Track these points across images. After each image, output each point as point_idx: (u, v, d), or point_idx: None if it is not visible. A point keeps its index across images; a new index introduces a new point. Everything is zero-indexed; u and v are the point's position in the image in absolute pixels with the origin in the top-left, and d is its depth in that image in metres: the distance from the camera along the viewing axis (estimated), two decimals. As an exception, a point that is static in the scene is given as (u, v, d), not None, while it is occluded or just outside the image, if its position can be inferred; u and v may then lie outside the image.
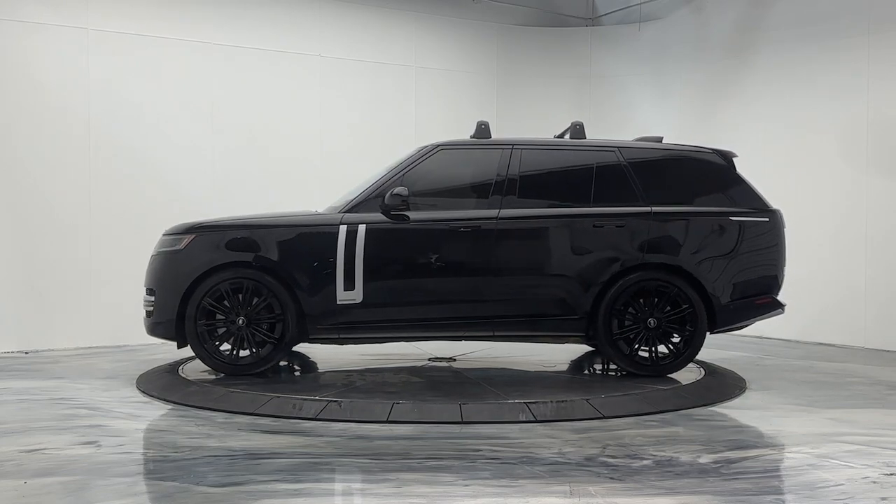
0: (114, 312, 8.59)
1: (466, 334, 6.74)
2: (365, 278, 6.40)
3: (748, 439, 5.03)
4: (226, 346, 6.53)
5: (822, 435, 5.15)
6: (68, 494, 3.90)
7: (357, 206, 6.55)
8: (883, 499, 3.90)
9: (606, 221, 6.66)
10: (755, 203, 7.02)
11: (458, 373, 6.99)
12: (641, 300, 6.61)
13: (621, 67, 11.48)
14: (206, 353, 6.44)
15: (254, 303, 6.41)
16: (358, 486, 4.06)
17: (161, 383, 6.43)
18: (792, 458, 4.61)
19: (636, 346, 6.62)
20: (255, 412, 5.54)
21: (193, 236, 6.46)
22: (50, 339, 8.47)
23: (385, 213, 6.50)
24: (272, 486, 4.04)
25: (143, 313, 6.67)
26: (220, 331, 6.46)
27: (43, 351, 8.35)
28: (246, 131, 9.56)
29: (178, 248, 6.47)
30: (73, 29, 8.62)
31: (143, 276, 6.74)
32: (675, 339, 6.69)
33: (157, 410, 5.81)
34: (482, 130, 6.99)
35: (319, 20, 10.06)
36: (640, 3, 11.22)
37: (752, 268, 6.87)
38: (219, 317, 6.45)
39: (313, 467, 4.35)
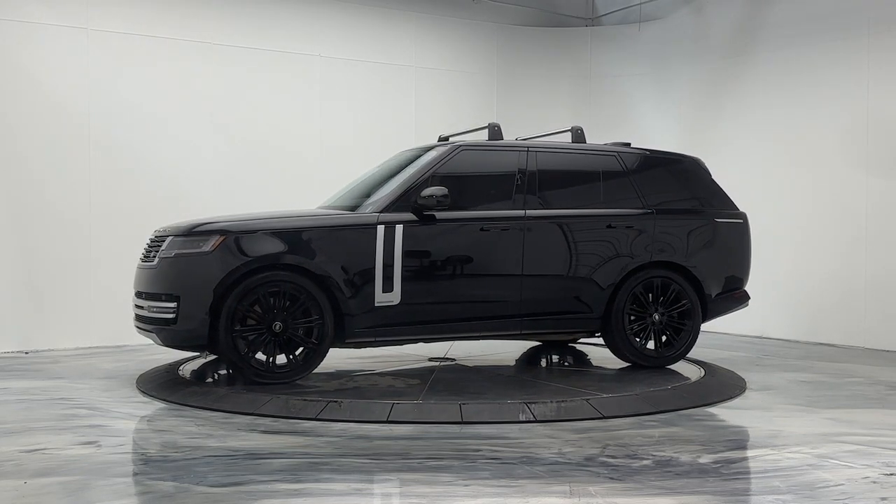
0: (114, 312, 8.58)
1: (498, 333, 6.91)
2: (403, 279, 6.34)
3: (748, 439, 5.04)
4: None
5: (822, 435, 5.15)
6: (68, 494, 3.90)
7: (390, 205, 6.42)
8: (883, 499, 3.90)
9: (619, 222, 7.07)
10: (728, 205, 7.61)
11: (457, 373, 6.99)
12: (648, 296, 7.09)
13: (621, 67, 11.48)
14: (243, 361, 6.07)
15: (288, 307, 6.10)
16: (358, 486, 4.06)
17: (161, 383, 6.43)
18: (792, 458, 4.61)
19: (642, 340, 7.09)
20: (255, 412, 5.54)
21: (223, 237, 6.07)
22: (50, 339, 8.47)
23: (416, 212, 6.43)
24: (272, 486, 4.03)
25: (149, 321, 6.22)
26: (252, 336, 6.08)
27: (43, 351, 8.35)
28: (246, 131, 9.56)
29: (204, 249, 6.04)
30: (73, 29, 8.62)
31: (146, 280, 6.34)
32: (673, 332, 7.19)
33: (157, 410, 5.81)
34: (495, 132, 7.10)
35: (319, 20, 10.06)
36: (640, 3, 11.22)
37: (732, 265, 7.47)
38: (250, 322, 6.07)
39: (313, 467, 4.35)
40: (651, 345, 7.16)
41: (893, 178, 8.76)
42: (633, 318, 7.05)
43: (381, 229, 6.31)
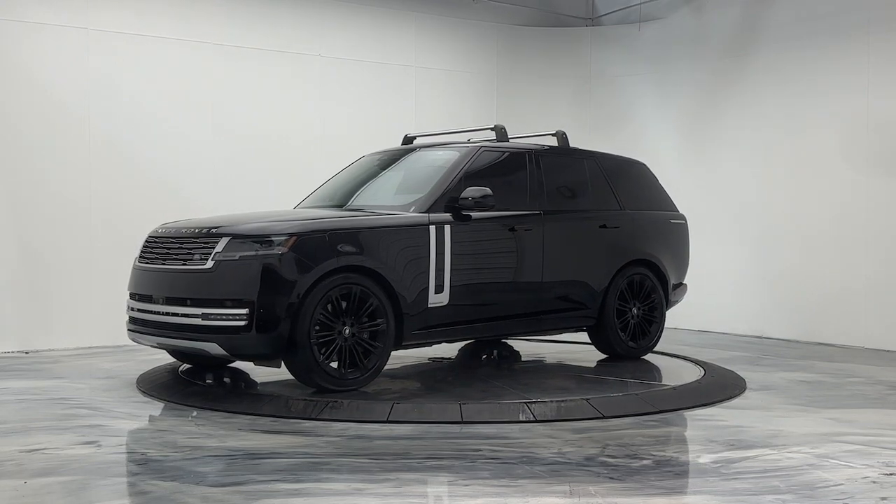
0: (114, 312, 8.56)
1: (525, 331, 7.14)
2: (452, 279, 6.33)
3: (748, 439, 5.03)
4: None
5: (822, 435, 5.15)
6: (68, 494, 3.90)
7: (433, 206, 6.35)
8: (883, 499, 3.90)
9: (610, 222, 7.43)
10: (672, 207, 8.12)
11: (457, 373, 6.99)
12: (630, 292, 7.52)
13: (621, 67, 11.47)
14: (319, 368, 5.74)
15: (355, 310, 5.88)
16: (358, 486, 4.06)
17: (161, 383, 6.43)
18: (792, 458, 4.61)
19: (624, 333, 7.49)
20: (255, 412, 5.54)
21: (295, 238, 5.75)
22: (50, 339, 8.47)
23: (454, 212, 6.41)
24: (272, 486, 4.03)
25: (203, 329, 5.72)
26: (322, 341, 5.76)
27: (43, 351, 8.35)
28: (246, 131, 9.55)
29: (277, 251, 5.67)
30: (73, 29, 8.61)
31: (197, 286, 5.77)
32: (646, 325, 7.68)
33: (157, 410, 5.81)
34: (502, 133, 7.22)
35: (319, 20, 10.06)
36: (640, 3, 11.22)
37: (682, 260, 8.05)
38: (315, 327, 5.74)
39: (313, 467, 4.35)
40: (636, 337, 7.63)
41: (893, 177, 8.75)
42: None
43: (432, 229, 6.28)
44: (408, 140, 7.76)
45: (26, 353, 8.26)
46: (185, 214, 7.73)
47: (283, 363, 5.86)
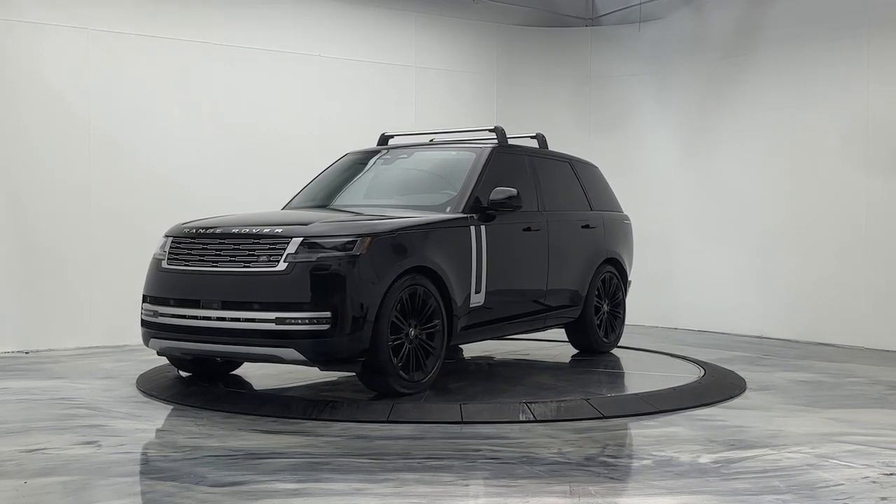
0: (114, 312, 8.58)
1: (529, 329, 7.26)
2: (488, 279, 6.38)
3: (748, 439, 5.03)
4: None
5: (822, 435, 5.15)
6: (68, 494, 3.89)
7: (465, 206, 6.34)
8: (883, 499, 3.90)
9: (591, 222, 7.74)
10: (620, 208, 8.42)
11: (457, 372, 6.99)
12: (602, 289, 7.84)
13: (621, 67, 11.47)
14: (396, 371, 5.61)
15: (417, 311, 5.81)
16: (358, 485, 4.06)
17: (161, 383, 6.43)
18: (792, 458, 4.61)
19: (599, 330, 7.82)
20: (255, 412, 5.53)
21: (370, 239, 5.56)
22: (50, 339, 8.47)
23: (481, 212, 6.42)
24: (272, 486, 4.03)
25: (280, 335, 5.41)
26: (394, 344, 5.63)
27: (43, 351, 8.35)
28: (246, 131, 9.56)
29: (355, 252, 5.48)
30: (73, 29, 8.62)
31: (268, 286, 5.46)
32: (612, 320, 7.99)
33: (157, 410, 5.80)
34: (502, 134, 7.25)
35: (319, 20, 10.06)
36: (640, 3, 11.22)
37: (631, 258, 8.41)
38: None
39: (313, 467, 4.35)
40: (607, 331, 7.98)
41: (893, 178, 8.75)
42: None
43: (472, 230, 6.29)
44: (384, 139, 7.73)
45: (26, 353, 8.26)
46: (186, 214, 7.71)
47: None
